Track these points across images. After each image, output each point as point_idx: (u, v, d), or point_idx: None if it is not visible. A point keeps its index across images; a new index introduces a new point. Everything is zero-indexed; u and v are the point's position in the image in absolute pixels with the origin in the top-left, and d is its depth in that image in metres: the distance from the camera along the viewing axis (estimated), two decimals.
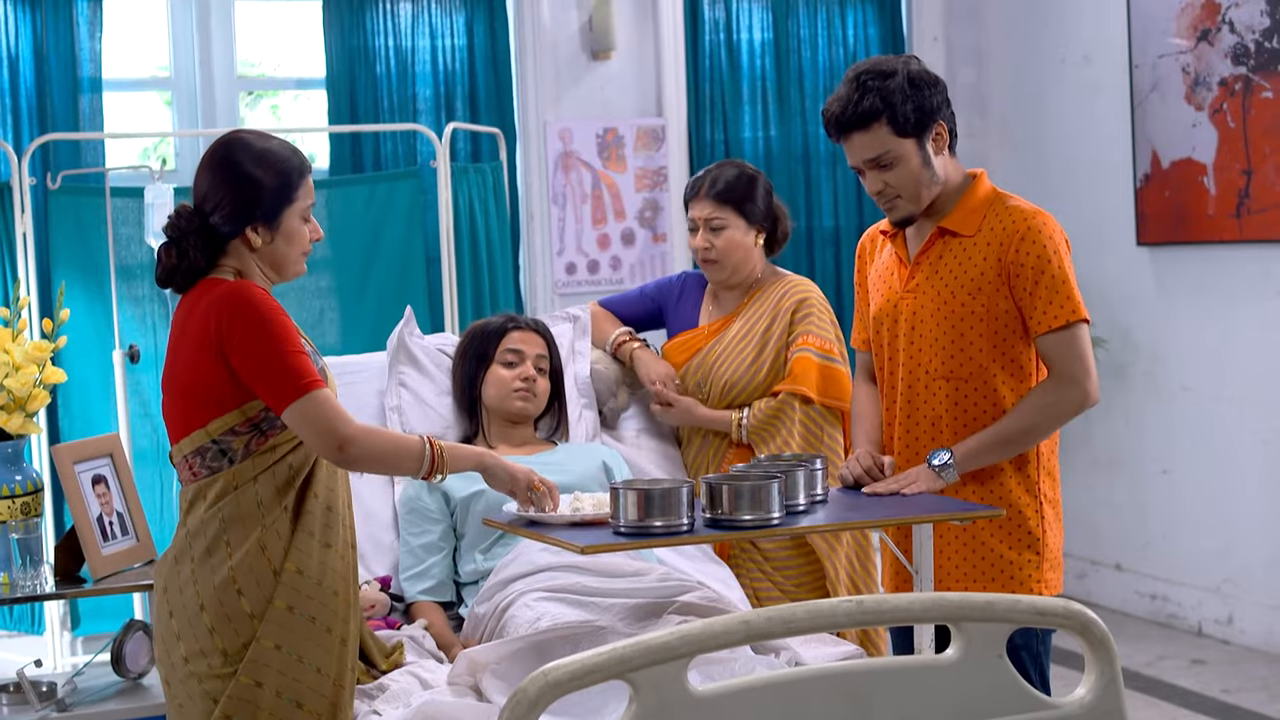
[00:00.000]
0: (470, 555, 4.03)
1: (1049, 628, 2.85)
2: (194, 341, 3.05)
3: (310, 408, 3.01)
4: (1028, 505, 3.65)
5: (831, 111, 3.64)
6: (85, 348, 5.78)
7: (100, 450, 4.22)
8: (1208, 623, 6.56)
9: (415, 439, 3.16)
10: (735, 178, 4.42)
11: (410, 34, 6.71)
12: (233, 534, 3.05)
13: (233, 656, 3.03)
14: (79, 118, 6.19)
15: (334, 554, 3.13)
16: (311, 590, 3.08)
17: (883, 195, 3.66)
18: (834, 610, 2.17)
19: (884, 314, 3.78)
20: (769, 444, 4.29)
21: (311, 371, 3.03)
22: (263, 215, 3.12)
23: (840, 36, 7.36)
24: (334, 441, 3.01)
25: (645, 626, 3.51)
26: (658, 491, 3.14)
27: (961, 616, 2.23)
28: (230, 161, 3.12)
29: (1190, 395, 6.60)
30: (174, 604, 3.08)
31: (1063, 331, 3.58)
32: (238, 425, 3.07)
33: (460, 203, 6.35)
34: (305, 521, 3.10)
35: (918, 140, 3.62)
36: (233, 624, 3.04)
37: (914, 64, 3.65)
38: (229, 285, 3.06)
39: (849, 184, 7.32)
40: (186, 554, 3.08)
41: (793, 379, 4.32)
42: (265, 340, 3.00)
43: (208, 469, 3.09)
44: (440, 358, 4.46)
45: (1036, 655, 3.63)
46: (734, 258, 4.42)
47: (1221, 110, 6.25)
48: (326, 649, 3.09)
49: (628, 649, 2.04)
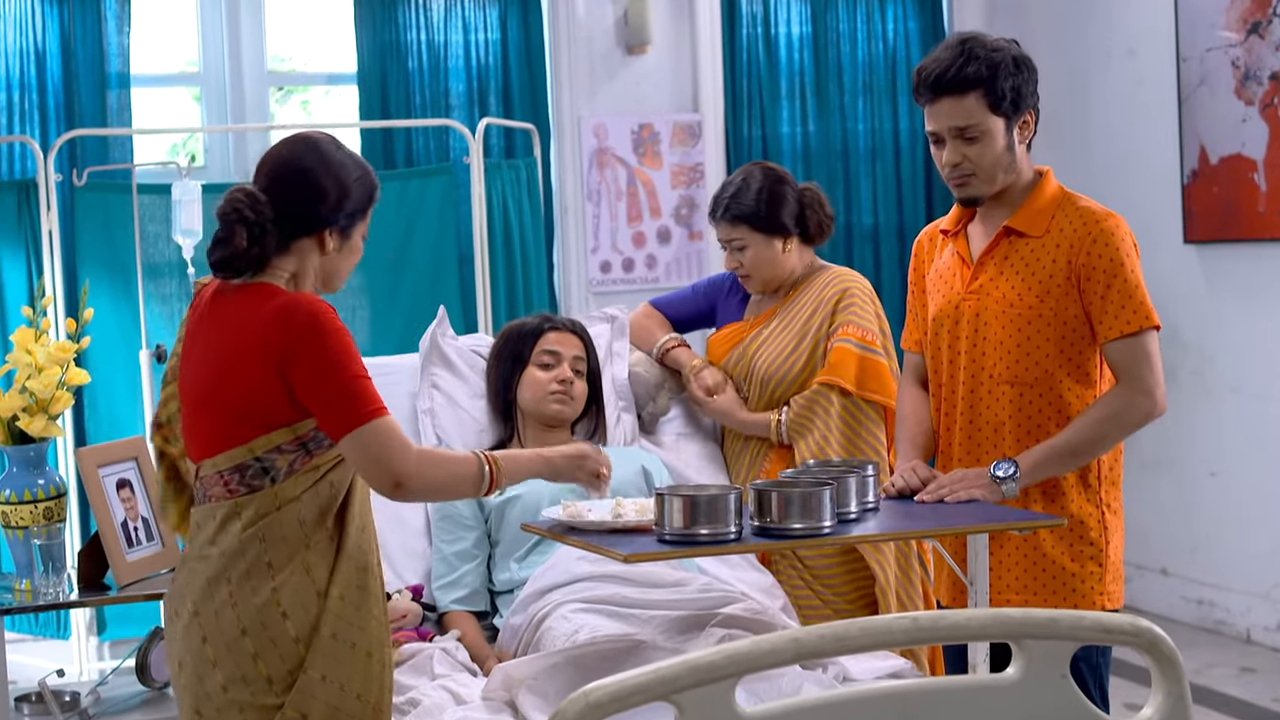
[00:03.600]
0: (505, 563, 3.92)
1: (1114, 644, 2.73)
2: (247, 353, 2.89)
3: (370, 439, 2.86)
4: (1090, 515, 3.52)
5: (929, 71, 3.50)
6: (111, 348, 5.75)
7: (125, 454, 4.15)
8: (1257, 629, 6.42)
9: (471, 459, 3.02)
10: (751, 196, 4.30)
11: (443, 28, 6.67)
12: (275, 555, 2.91)
13: (278, 684, 2.90)
14: (106, 113, 6.17)
15: (370, 576, 3.02)
16: (352, 615, 2.96)
17: (958, 169, 3.52)
18: (889, 627, 2.08)
19: (944, 315, 3.65)
20: (807, 438, 4.16)
21: (376, 399, 2.89)
22: (344, 220, 3.02)
23: (880, 31, 7.28)
24: (390, 479, 2.88)
25: (687, 640, 3.39)
26: (704, 498, 3.02)
27: (1023, 633, 2.12)
28: (324, 160, 3.00)
29: (1239, 396, 6.47)
30: (208, 629, 2.92)
31: (1133, 338, 3.46)
32: (285, 443, 2.92)
33: (494, 200, 6.30)
34: (345, 544, 2.98)
35: (1008, 121, 3.50)
36: (278, 649, 2.90)
37: (1018, 47, 3.54)
38: (293, 298, 2.90)
39: (888, 180, 7.23)
40: (223, 576, 2.92)
41: (830, 369, 4.20)
42: (332, 362, 2.85)
43: (246, 486, 2.93)
44: (474, 359, 4.35)
45: (1096, 668, 3.50)
46: (763, 271, 4.33)
47: (1273, 105, 6.11)
48: (367, 674, 2.98)
49: (672, 668, 1.94)
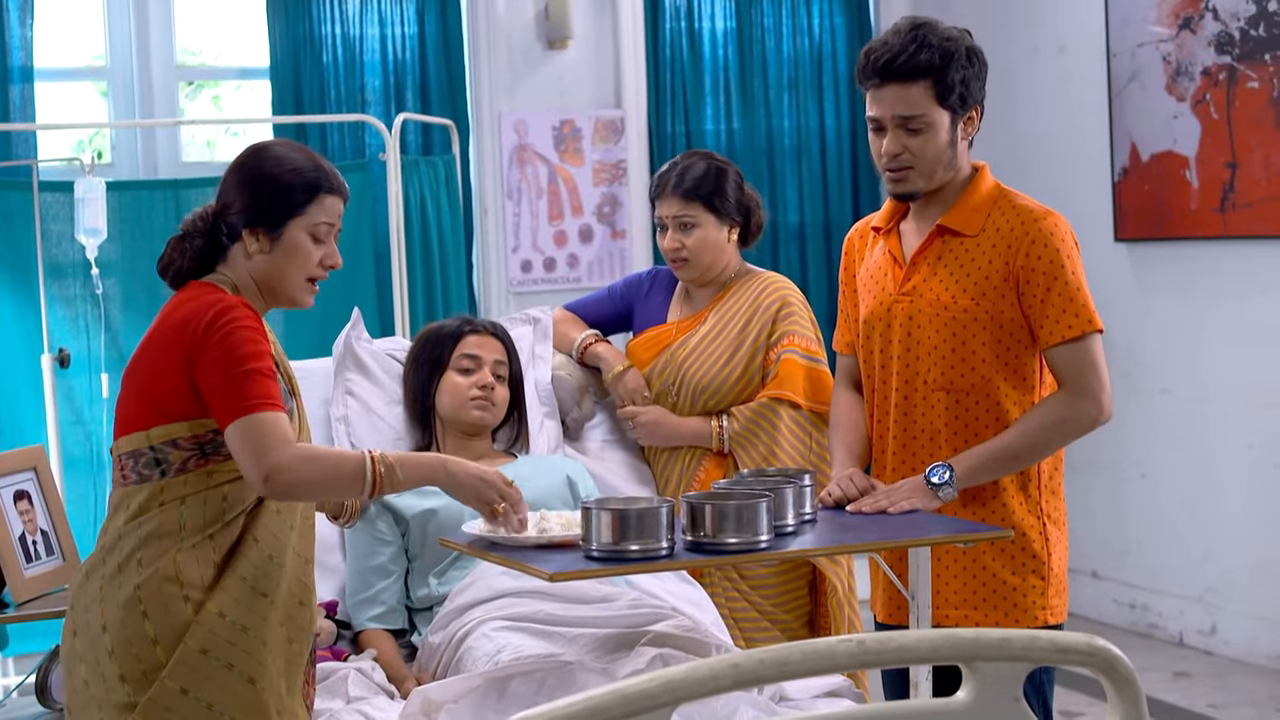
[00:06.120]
0: (423, 579, 3.76)
1: (1069, 665, 2.61)
2: (165, 342, 2.86)
3: (250, 428, 2.77)
4: (1031, 526, 3.39)
5: (878, 54, 3.35)
6: (11, 351, 5.60)
7: (23, 463, 3.96)
8: (1190, 633, 6.35)
9: (353, 457, 2.89)
10: (704, 172, 4.15)
11: (358, 21, 6.57)
12: (146, 552, 2.83)
13: (131, 683, 2.79)
14: (9, 108, 6.03)
15: (269, 604, 2.88)
16: (233, 636, 2.83)
17: (896, 160, 3.37)
18: (833, 651, 1.94)
19: (876, 318, 3.50)
20: (752, 451, 4.03)
21: (268, 394, 2.79)
22: (265, 220, 2.94)
23: (805, 26, 7.21)
24: (260, 471, 2.76)
25: (616, 660, 3.24)
26: (634, 512, 2.86)
27: (975, 655, 2.00)
28: (248, 164, 3.00)
29: (1170, 396, 6.41)
30: (78, 622, 2.87)
31: (1077, 343, 3.32)
32: (182, 439, 2.86)
33: (411, 198, 6.20)
34: (238, 565, 2.86)
35: (954, 115, 3.36)
36: (134, 648, 2.80)
37: (970, 38, 3.41)
38: (217, 296, 2.88)
39: (814, 178, 7.16)
40: (98, 569, 2.87)
41: (778, 382, 4.07)
42: (229, 354, 2.79)
43: (138, 475, 2.88)
44: (390, 364, 4.19)
45: (1040, 686, 3.37)
46: (706, 257, 4.16)
47: (1204, 101, 6.04)
48: (245, 700, 2.83)
49: (605, 698, 1.81)
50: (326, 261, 3.00)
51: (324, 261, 3.00)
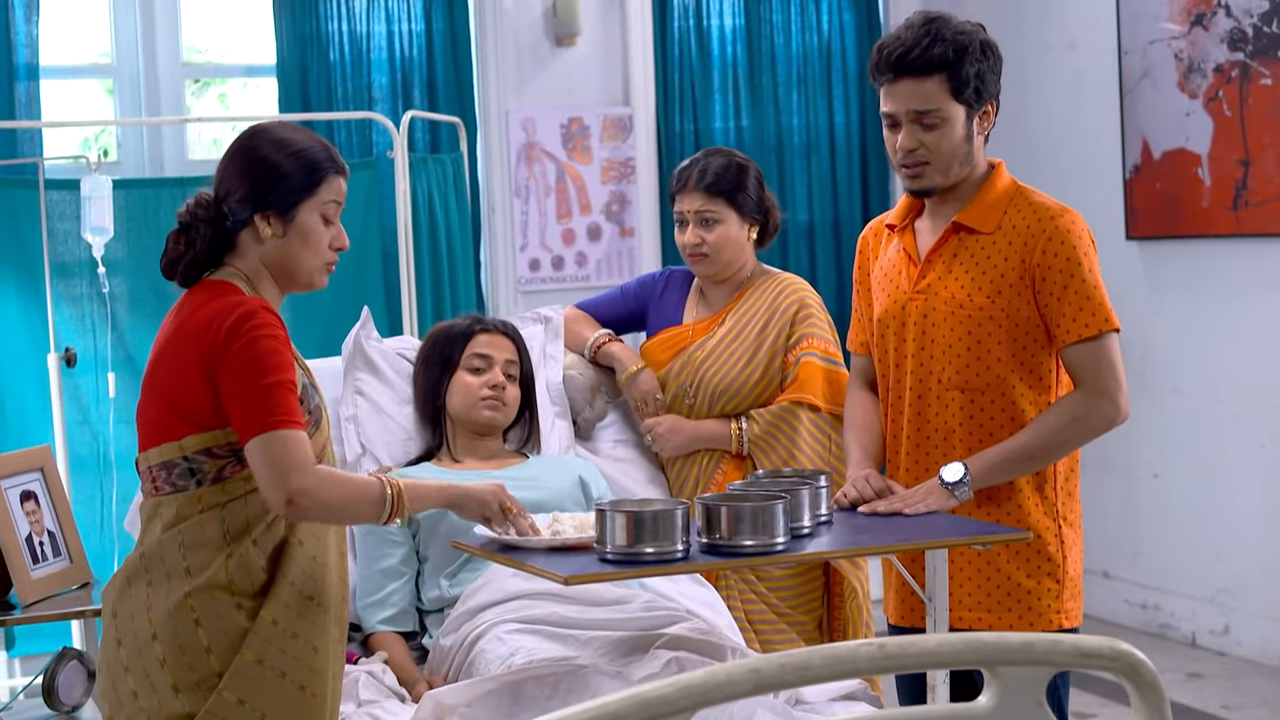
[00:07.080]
0: (435, 581, 3.73)
1: (1092, 669, 2.58)
2: (188, 349, 2.81)
3: (270, 447, 2.72)
4: (1047, 529, 3.36)
5: (891, 49, 3.31)
6: (18, 351, 5.57)
7: (30, 464, 3.95)
8: (1202, 633, 6.32)
9: (374, 484, 2.87)
10: (725, 167, 4.14)
11: (365, 19, 6.53)
12: (193, 559, 2.79)
13: (185, 693, 2.75)
14: (15, 106, 5.99)
15: (318, 608, 2.86)
16: (285, 643, 2.80)
17: (912, 156, 3.33)
18: (854, 655, 1.91)
19: (890, 316, 3.47)
20: (771, 455, 4.00)
21: (291, 410, 2.75)
22: (276, 203, 2.89)
23: (814, 23, 7.17)
24: (283, 493, 2.73)
25: (630, 663, 3.21)
26: (649, 514, 2.83)
27: (998, 659, 1.97)
28: (249, 147, 2.93)
29: (1182, 396, 6.38)
30: (123, 631, 2.81)
31: (1094, 342, 3.28)
32: (216, 447, 2.81)
33: (419, 195, 6.16)
34: (287, 569, 2.83)
35: (969, 110, 3.33)
36: (186, 656, 2.76)
37: (984, 31, 3.37)
38: (237, 299, 2.82)
39: (823, 176, 7.12)
40: (141, 576, 2.81)
41: (798, 385, 4.04)
42: (250, 365, 2.74)
43: (172, 485, 2.82)
44: (400, 363, 4.16)
45: (1056, 689, 3.33)
46: (726, 253, 4.14)
47: (1217, 98, 6.00)
48: (300, 709, 2.81)
49: (621, 703, 1.77)
50: (335, 243, 2.97)
51: (333, 243, 2.97)
